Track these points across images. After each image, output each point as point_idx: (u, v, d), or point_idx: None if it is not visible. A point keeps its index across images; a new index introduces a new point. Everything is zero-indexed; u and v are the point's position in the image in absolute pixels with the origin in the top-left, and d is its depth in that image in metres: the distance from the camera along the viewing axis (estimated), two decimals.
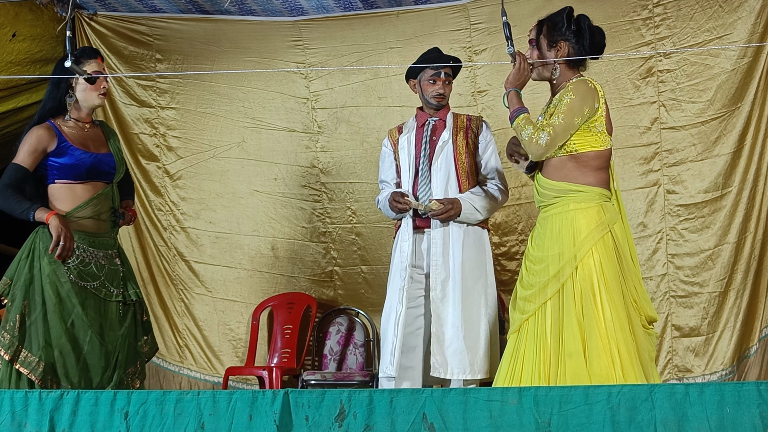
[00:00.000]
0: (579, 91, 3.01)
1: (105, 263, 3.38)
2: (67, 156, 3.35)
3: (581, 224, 2.98)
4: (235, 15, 4.88)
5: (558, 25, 3.14)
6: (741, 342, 4.36)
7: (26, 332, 3.21)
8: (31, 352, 3.19)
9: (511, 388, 2.39)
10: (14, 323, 3.20)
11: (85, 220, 3.34)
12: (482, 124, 3.77)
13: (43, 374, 3.16)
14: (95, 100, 3.46)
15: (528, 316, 3.00)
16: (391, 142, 3.84)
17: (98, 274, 3.34)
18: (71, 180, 3.36)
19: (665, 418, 2.11)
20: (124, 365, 3.35)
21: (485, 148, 3.72)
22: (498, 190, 3.69)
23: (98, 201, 3.38)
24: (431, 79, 3.71)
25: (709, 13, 4.38)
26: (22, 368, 3.17)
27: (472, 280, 3.55)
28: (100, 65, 3.46)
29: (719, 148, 4.42)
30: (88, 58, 3.44)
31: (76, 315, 3.24)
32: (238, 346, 5.14)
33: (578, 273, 2.93)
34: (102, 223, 3.40)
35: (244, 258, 5.17)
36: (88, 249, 3.33)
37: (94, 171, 3.39)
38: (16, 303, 3.23)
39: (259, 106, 5.10)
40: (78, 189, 3.36)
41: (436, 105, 3.72)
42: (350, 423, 2.26)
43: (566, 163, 3.05)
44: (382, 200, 3.77)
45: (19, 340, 3.19)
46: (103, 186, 3.42)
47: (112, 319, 3.36)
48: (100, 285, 3.34)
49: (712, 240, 4.43)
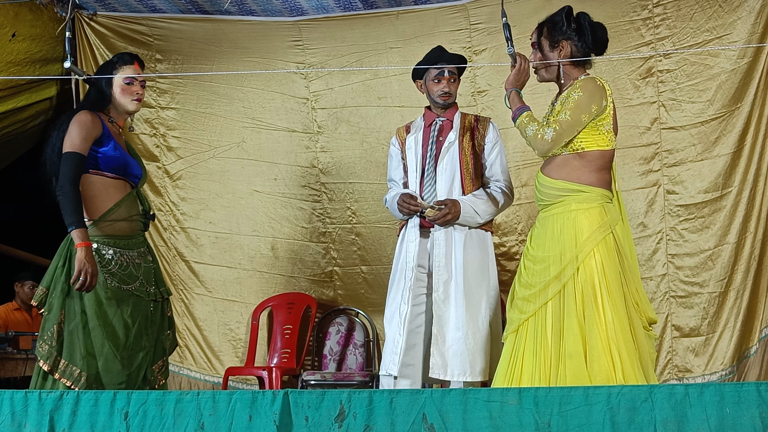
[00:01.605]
0: (587, 88, 3.00)
1: (140, 262, 3.34)
2: (109, 146, 3.30)
3: (583, 225, 2.96)
4: (235, 15, 4.88)
5: (558, 25, 3.12)
6: (741, 342, 4.36)
7: (65, 342, 3.14)
8: (72, 363, 3.13)
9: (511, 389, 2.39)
10: (52, 333, 3.14)
11: (119, 223, 3.29)
12: (489, 125, 3.75)
13: (87, 385, 3.11)
14: (128, 106, 3.40)
15: (528, 316, 2.99)
16: (398, 141, 3.83)
17: (136, 275, 3.30)
18: (107, 172, 3.30)
19: (665, 418, 2.11)
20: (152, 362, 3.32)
21: (491, 150, 3.71)
22: (501, 192, 3.67)
23: (129, 202, 3.33)
24: (436, 78, 3.70)
25: (709, 13, 4.38)
26: (64, 379, 3.11)
27: (475, 283, 3.54)
28: (137, 71, 3.41)
29: (719, 148, 4.42)
30: (123, 64, 3.41)
31: (117, 322, 3.19)
32: (237, 346, 5.14)
33: (580, 274, 2.92)
34: (134, 224, 3.35)
35: (244, 258, 5.17)
36: (124, 252, 3.29)
37: (126, 169, 3.35)
38: (53, 313, 3.17)
39: (258, 106, 5.10)
40: (110, 184, 3.30)
41: (443, 104, 3.71)
42: (350, 423, 2.26)
43: (570, 162, 3.03)
44: (390, 200, 3.76)
45: (58, 350, 3.13)
46: (130, 188, 3.38)
47: (149, 317, 3.32)
48: (140, 285, 3.30)
49: (712, 240, 4.43)
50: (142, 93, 3.44)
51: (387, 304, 3.68)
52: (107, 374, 3.16)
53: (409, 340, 3.54)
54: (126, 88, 3.39)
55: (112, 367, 3.16)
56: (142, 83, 3.44)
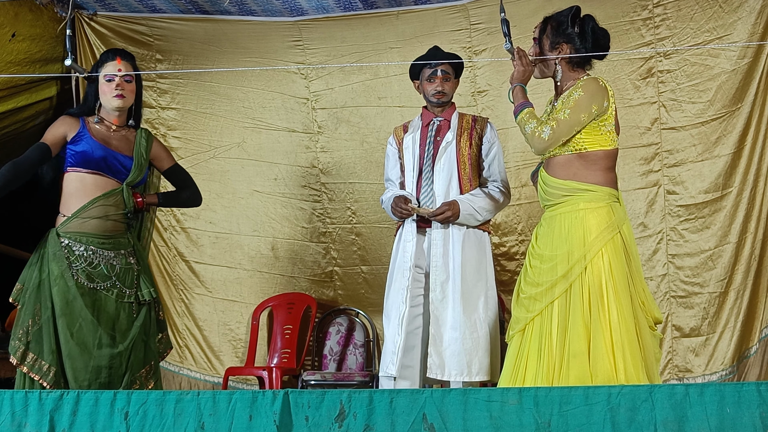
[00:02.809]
0: (589, 88, 3.00)
1: (117, 263, 3.34)
2: (81, 143, 3.33)
3: (591, 224, 2.96)
4: (235, 15, 4.88)
5: (563, 26, 3.11)
6: (741, 342, 4.36)
7: (36, 337, 3.17)
8: (41, 358, 3.15)
9: (511, 389, 2.39)
10: (26, 328, 3.18)
11: (93, 220, 3.29)
12: (487, 125, 3.75)
13: (55, 380, 3.13)
14: (112, 102, 3.39)
15: (534, 315, 2.99)
16: (396, 140, 3.83)
17: (108, 275, 3.29)
18: (82, 168, 3.32)
19: (665, 418, 2.11)
20: (135, 366, 3.31)
21: (489, 150, 3.71)
22: (499, 192, 3.67)
23: (105, 200, 3.32)
24: (429, 78, 3.71)
25: (709, 13, 4.37)
26: (32, 373, 3.14)
27: (472, 282, 3.54)
28: (116, 66, 3.39)
29: (719, 148, 4.42)
30: (105, 62, 3.42)
31: (84, 318, 3.20)
32: (238, 346, 5.14)
33: (587, 273, 2.91)
34: (112, 223, 3.34)
35: (244, 258, 5.17)
36: (97, 250, 3.29)
37: (104, 163, 3.34)
38: (26, 308, 3.21)
39: (259, 106, 5.10)
40: (88, 181, 3.31)
41: (437, 102, 3.71)
42: (350, 423, 2.25)
43: (573, 162, 3.03)
44: (386, 201, 3.77)
45: (26, 344, 3.16)
46: (115, 184, 3.37)
47: (125, 319, 3.31)
48: (111, 285, 3.29)
49: (712, 240, 4.43)
50: (126, 88, 3.39)
51: (385, 304, 3.68)
52: (70, 370, 3.18)
53: (408, 341, 3.54)
54: (105, 86, 3.39)
55: (74, 363, 3.18)
56: (126, 78, 3.39)
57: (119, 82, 3.37)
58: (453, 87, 3.76)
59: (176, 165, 3.69)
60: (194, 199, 3.73)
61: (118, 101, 3.39)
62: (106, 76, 3.38)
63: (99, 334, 3.22)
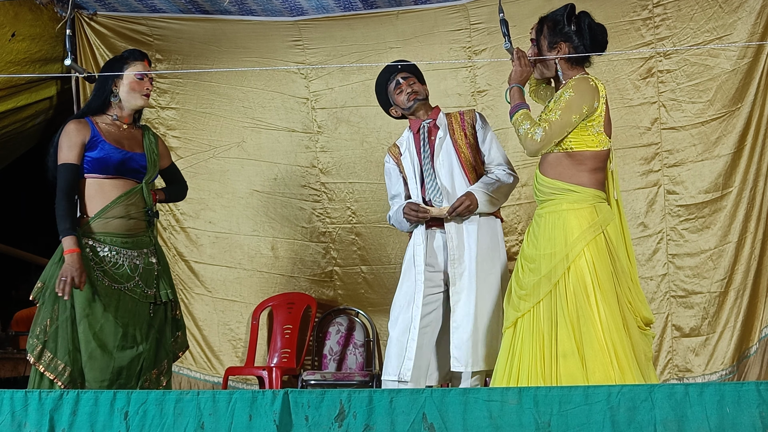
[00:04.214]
0: (579, 88, 2.99)
1: (140, 263, 3.34)
2: (97, 149, 3.33)
3: (573, 224, 2.97)
4: (235, 15, 4.88)
5: (559, 25, 3.11)
6: (741, 342, 4.36)
7: (53, 336, 3.17)
8: (58, 357, 3.15)
9: (511, 388, 2.39)
10: (43, 327, 3.18)
11: (116, 220, 3.31)
12: (476, 115, 3.75)
13: (70, 380, 3.13)
14: (138, 101, 3.43)
15: (522, 314, 3.00)
16: (392, 156, 3.82)
17: (132, 275, 3.30)
18: (99, 174, 3.33)
19: (665, 418, 2.11)
20: (151, 365, 3.32)
21: (484, 137, 3.70)
22: (506, 174, 3.65)
23: (127, 200, 3.34)
24: (395, 90, 3.72)
25: (709, 13, 4.37)
26: (48, 372, 3.14)
27: (487, 272, 3.53)
28: (146, 68, 3.45)
29: (719, 148, 4.42)
30: (134, 60, 3.43)
31: (106, 319, 3.20)
32: (237, 346, 5.14)
33: (570, 273, 2.92)
34: (134, 222, 3.36)
35: (244, 258, 5.17)
36: (120, 250, 3.30)
37: (122, 167, 3.35)
38: (46, 307, 3.21)
39: (258, 106, 5.10)
40: (107, 185, 3.33)
41: (415, 103, 3.68)
42: (350, 423, 2.26)
43: (561, 161, 3.04)
44: (394, 213, 3.74)
45: (44, 343, 3.16)
46: (133, 184, 3.39)
47: (145, 320, 3.32)
48: (134, 285, 3.30)
49: (712, 240, 4.43)
50: (150, 87, 3.47)
51: (393, 307, 3.65)
52: (91, 371, 3.17)
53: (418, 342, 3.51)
54: (136, 84, 3.42)
55: (95, 364, 3.18)
56: (151, 80, 3.47)
57: (148, 83, 3.44)
58: (422, 87, 3.74)
59: (173, 163, 3.78)
60: (185, 192, 3.84)
61: (144, 100, 3.45)
62: (137, 74, 3.41)
63: (120, 336, 3.22)
